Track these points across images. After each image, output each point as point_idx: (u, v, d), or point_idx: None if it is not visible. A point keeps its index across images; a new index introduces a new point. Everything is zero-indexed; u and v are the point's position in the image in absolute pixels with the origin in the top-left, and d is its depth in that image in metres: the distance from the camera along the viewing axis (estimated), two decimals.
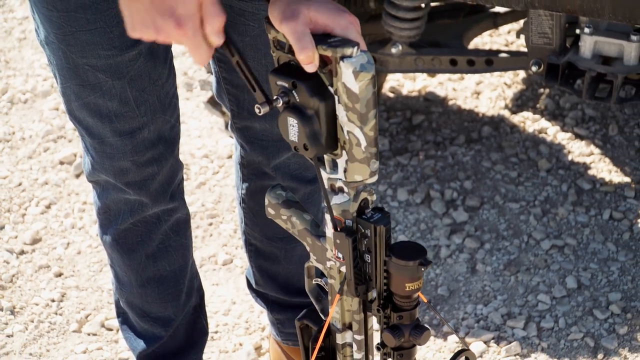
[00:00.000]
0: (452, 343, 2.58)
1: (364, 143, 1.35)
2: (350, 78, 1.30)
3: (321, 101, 1.34)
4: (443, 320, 2.33)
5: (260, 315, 2.68)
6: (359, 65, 1.30)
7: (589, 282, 2.75)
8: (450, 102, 3.49)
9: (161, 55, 1.83)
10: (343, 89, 1.32)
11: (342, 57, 1.30)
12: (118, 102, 1.81)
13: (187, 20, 1.31)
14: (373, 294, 1.50)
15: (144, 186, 1.94)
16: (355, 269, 1.48)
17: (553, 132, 3.32)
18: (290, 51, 1.36)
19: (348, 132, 1.35)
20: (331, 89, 1.34)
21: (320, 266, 1.54)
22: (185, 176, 3.17)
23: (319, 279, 1.57)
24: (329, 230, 1.47)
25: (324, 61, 1.34)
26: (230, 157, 3.24)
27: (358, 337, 1.55)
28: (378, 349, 1.54)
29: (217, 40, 1.34)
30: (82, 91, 1.80)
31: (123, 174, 1.91)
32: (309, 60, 1.32)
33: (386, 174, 3.15)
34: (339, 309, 1.53)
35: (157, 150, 1.91)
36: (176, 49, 3.85)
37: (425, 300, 1.81)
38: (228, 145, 3.29)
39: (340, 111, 1.34)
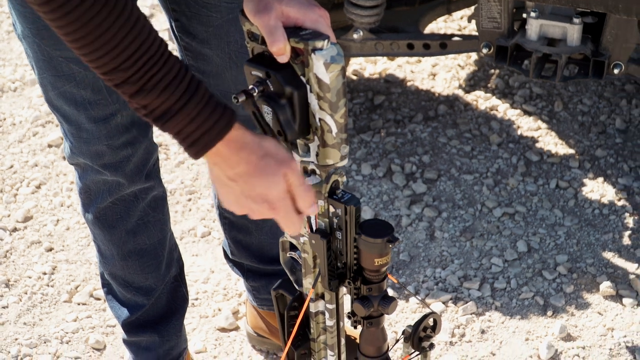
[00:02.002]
0: (413, 304, 2.58)
1: (334, 130, 1.33)
2: (321, 69, 1.29)
3: (294, 90, 1.32)
4: (411, 293, 2.31)
5: (237, 283, 2.68)
6: (329, 57, 1.28)
7: (538, 246, 2.76)
8: (409, 83, 3.49)
9: None
10: (315, 79, 1.30)
11: (314, 50, 1.28)
12: (91, 90, 1.79)
13: (279, 203, 1.31)
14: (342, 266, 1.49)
15: (120, 168, 1.92)
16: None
17: (503, 109, 3.32)
18: (264, 42, 1.33)
19: (320, 119, 1.33)
20: (303, 79, 1.32)
21: (294, 241, 1.52)
22: (165, 156, 3.16)
23: (293, 253, 1.56)
24: None
25: (296, 52, 1.31)
26: None
27: (330, 306, 1.54)
28: (349, 317, 1.54)
29: (312, 212, 1.35)
30: (58, 81, 1.78)
31: (99, 157, 1.90)
32: (281, 52, 1.30)
33: (351, 150, 3.14)
34: (312, 280, 1.51)
35: (131, 134, 1.89)
36: None
37: (396, 282, 1.79)
38: None
39: (312, 100, 1.33)
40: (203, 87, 1.26)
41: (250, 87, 1.34)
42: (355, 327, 1.53)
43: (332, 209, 1.42)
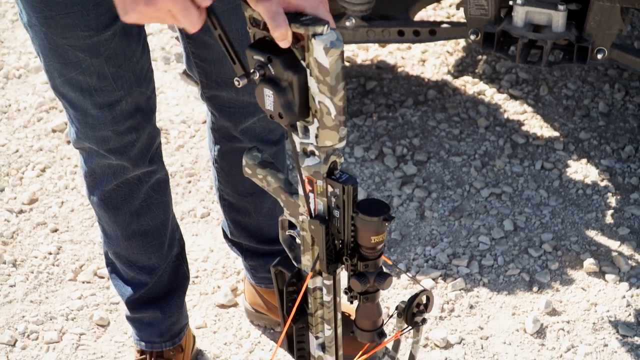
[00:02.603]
0: (405, 281, 2.58)
1: (333, 112, 1.33)
2: (321, 54, 1.28)
3: (294, 74, 1.32)
4: (402, 270, 2.32)
5: (235, 261, 2.68)
6: (329, 42, 1.28)
7: (524, 225, 2.77)
8: (399, 69, 3.48)
9: (135, 34, 1.80)
10: (315, 64, 1.30)
11: (314, 35, 1.28)
12: (97, 77, 1.78)
13: None
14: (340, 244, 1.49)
15: (125, 152, 1.92)
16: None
17: (490, 93, 3.32)
18: (265, 28, 1.33)
19: (319, 102, 1.33)
20: (303, 63, 1.32)
21: (293, 220, 1.52)
22: (165, 140, 3.16)
23: (292, 231, 1.56)
24: (301, 188, 1.45)
25: (296, 37, 1.31)
26: (205, 122, 3.21)
27: (327, 282, 1.55)
28: (345, 292, 1.54)
29: (206, 2, 1.27)
30: (64, 68, 1.77)
31: (104, 142, 1.89)
32: (282, 37, 1.30)
33: None
34: (310, 257, 1.52)
35: (135, 120, 1.89)
36: (154, 27, 3.80)
37: (390, 262, 1.80)
38: (203, 112, 3.27)
39: (312, 83, 1.32)
40: None
41: (252, 70, 1.34)
42: (351, 303, 1.54)
43: (330, 189, 1.43)
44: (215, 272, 2.67)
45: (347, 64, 3.51)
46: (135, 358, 2.29)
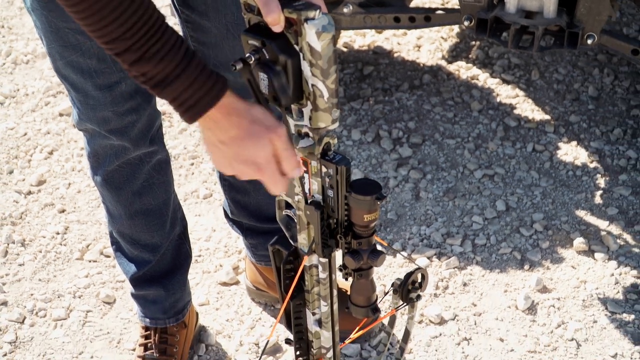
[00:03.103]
0: (400, 259, 2.58)
1: (326, 95, 1.32)
2: (313, 38, 1.27)
3: (288, 58, 1.31)
4: (397, 250, 2.31)
5: (237, 241, 2.67)
6: (321, 27, 1.26)
7: (516, 205, 2.76)
8: (395, 55, 3.47)
9: None
10: (307, 48, 1.29)
11: (306, 19, 1.27)
12: (96, 59, 1.78)
13: (266, 165, 1.32)
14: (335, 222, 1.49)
15: (125, 133, 1.91)
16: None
17: (483, 78, 3.31)
18: (260, 13, 1.32)
19: (312, 85, 1.32)
20: (296, 47, 1.31)
21: (289, 200, 1.51)
22: (168, 124, 3.15)
23: (288, 210, 1.55)
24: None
25: (289, 22, 1.30)
26: None
27: (323, 260, 1.54)
28: (340, 269, 1.53)
29: (295, 175, 1.37)
30: (65, 51, 1.77)
31: (105, 123, 1.88)
32: (275, 22, 1.28)
33: (341, 117, 3.13)
34: (306, 236, 1.51)
35: (135, 102, 1.88)
36: None
37: (386, 244, 1.79)
38: None
39: (305, 67, 1.31)
40: (197, 57, 1.26)
41: (247, 55, 1.33)
42: (346, 279, 1.53)
43: (324, 169, 1.42)
44: (217, 251, 2.66)
45: (344, 49, 3.49)
46: (140, 334, 2.28)
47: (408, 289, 1.67)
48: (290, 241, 1.57)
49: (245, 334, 2.40)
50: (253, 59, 1.32)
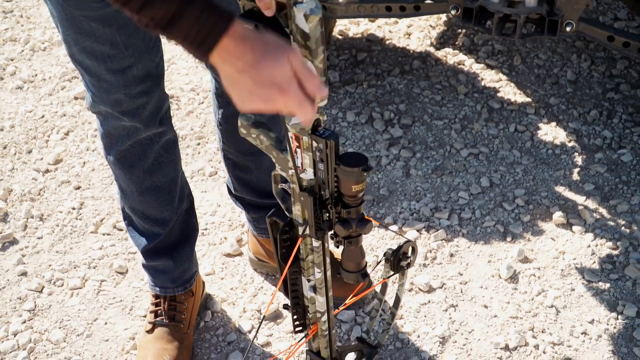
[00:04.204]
0: (392, 232, 2.57)
1: (315, 73, 1.31)
2: (301, 20, 1.26)
3: None
4: (386, 226, 2.30)
5: (240, 215, 2.66)
6: (308, 10, 1.26)
7: (499, 181, 2.75)
8: (387, 42, 3.45)
9: None
10: (296, 29, 1.28)
11: (295, 3, 1.26)
12: (110, 45, 1.76)
13: (288, 85, 1.21)
14: (326, 194, 1.47)
15: (137, 114, 1.90)
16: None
17: (469, 63, 3.29)
18: (253, 0, 1.31)
19: None
20: (287, 30, 1.29)
21: (284, 174, 1.51)
22: (176, 106, 3.13)
23: (284, 184, 1.54)
24: (289, 146, 1.44)
25: (280, 7, 1.29)
26: None
27: (316, 243, 1.54)
28: (332, 237, 1.53)
29: (321, 94, 1.26)
30: (80, 37, 1.75)
31: (118, 105, 1.87)
32: (266, 6, 1.28)
33: (337, 100, 3.11)
34: (300, 208, 1.50)
35: (146, 85, 1.87)
36: None
37: (377, 224, 1.78)
38: (211, 81, 3.24)
39: (295, 48, 1.30)
40: None
41: None
42: (337, 247, 1.53)
43: (315, 144, 1.41)
44: (222, 224, 2.65)
45: (340, 37, 3.47)
46: (151, 302, 2.28)
47: (399, 259, 1.67)
48: (286, 213, 1.56)
49: (248, 302, 2.39)
50: None
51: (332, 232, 1.51)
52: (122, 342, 2.30)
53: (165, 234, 2.15)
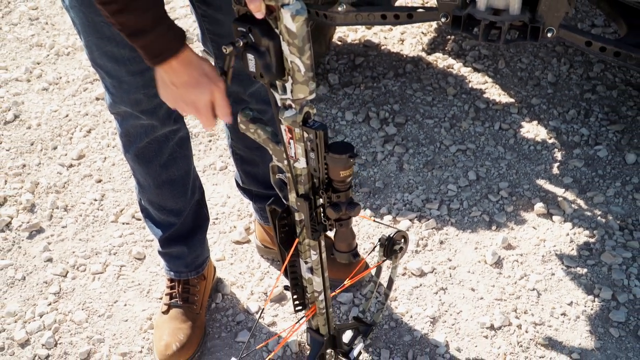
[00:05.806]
0: (387, 222, 2.57)
1: (303, 69, 1.33)
2: (289, 20, 1.27)
3: (270, 40, 1.32)
4: (381, 222, 2.29)
5: (248, 206, 2.67)
6: (295, 11, 1.27)
7: (485, 175, 2.75)
8: (382, 47, 3.44)
9: None
10: (285, 29, 1.29)
11: (282, 5, 1.27)
12: (129, 49, 1.75)
13: (203, 110, 1.47)
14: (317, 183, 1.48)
15: (154, 112, 1.89)
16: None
17: (457, 67, 3.29)
18: (246, 5, 1.32)
19: (291, 61, 1.33)
20: (277, 31, 1.31)
21: (280, 164, 1.51)
22: None
23: (281, 174, 1.55)
24: (284, 138, 1.45)
25: (270, 10, 1.29)
26: None
27: (312, 242, 1.54)
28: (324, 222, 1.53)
29: (227, 120, 1.51)
30: (101, 42, 1.74)
31: (137, 104, 1.86)
32: (257, 9, 1.29)
33: (337, 101, 3.11)
34: (295, 195, 1.51)
35: None
36: (179, 12, 3.75)
37: (371, 220, 1.77)
38: None
39: (284, 46, 1.32)
40: (168, 17, 1.36)
41: (236, 39, 1.33)
42: (330, 230, 1.53)
43: (306, 135, 1.42)
44: (231, 214, 2.65)
45: (339, 43, 3.46)
46: (166, 285, 2.28)
47: (392, 245, 1.67)
48: (284, 200, 1.57)
49: (255, 285, 2.40)
50: (241, 42, 1.33)
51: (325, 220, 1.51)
52: (140, 322, 2.30)
53: (180, 223, 2.15)
